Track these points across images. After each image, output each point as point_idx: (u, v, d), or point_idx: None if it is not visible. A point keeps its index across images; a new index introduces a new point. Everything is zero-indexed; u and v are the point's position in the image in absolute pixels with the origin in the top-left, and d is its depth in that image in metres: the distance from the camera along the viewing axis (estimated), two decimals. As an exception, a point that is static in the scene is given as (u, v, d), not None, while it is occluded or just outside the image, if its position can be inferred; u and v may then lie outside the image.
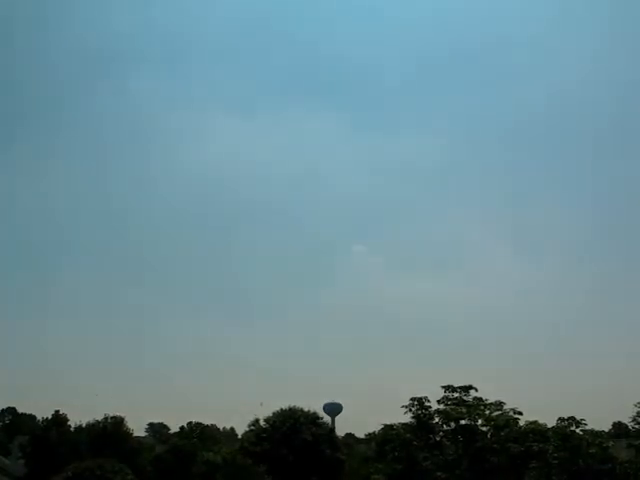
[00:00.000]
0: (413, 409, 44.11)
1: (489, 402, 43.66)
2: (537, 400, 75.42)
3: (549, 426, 43.14)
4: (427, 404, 44.30)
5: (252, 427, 53.36)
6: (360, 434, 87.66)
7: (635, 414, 44.25)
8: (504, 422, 42.02)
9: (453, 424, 43.42)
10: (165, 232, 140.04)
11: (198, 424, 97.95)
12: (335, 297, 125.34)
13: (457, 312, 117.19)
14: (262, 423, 52.39)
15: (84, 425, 54.34)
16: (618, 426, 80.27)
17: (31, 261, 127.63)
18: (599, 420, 76.53)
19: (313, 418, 52.18)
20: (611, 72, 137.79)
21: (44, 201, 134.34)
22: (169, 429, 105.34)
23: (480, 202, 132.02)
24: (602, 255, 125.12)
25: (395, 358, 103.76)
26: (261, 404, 59.49)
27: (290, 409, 52.09)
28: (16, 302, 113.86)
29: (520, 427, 42.38)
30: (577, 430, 41.88)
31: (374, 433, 54.30)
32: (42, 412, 58.12)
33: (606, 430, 58.36)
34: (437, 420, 44.09)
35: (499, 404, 43.48)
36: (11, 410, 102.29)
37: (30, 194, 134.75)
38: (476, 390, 44.30)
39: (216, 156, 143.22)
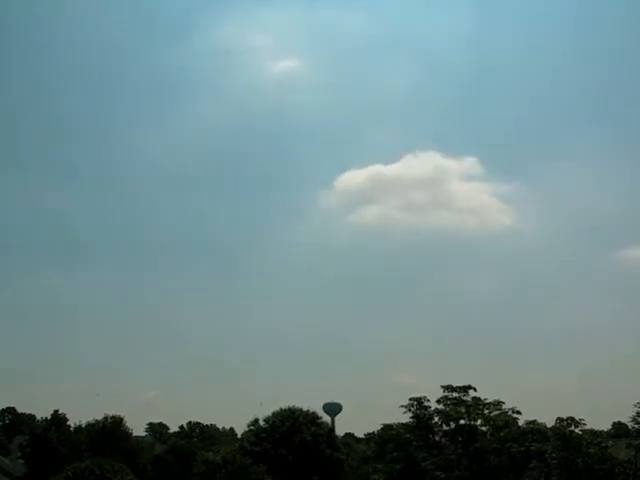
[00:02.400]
0: (412, 409, 44.22)
1: (488, 402, 43.74)
2: (536, 400, 75.79)
3: (548, 426, 43.24)
4: (426, 404, 44.40)
5: (252, 427, 53.49)
6: (360, 434, 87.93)
7: (635, 414, 44.38)
8: (503, 422, 42.12)
9: (452, 424, 43.51)
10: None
11: (198, 424, 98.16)
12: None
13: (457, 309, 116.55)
14: (262, 423, 52.50)
15: (84, 425, 54.32)
16: (618, 426, 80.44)
17: (31, 256, 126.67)
18: (599, 420, 76.88)
19: (313, 418, 52.24)
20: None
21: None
22: (169, 429, 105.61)
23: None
24: (602, 255, 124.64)
25: (395, 357, 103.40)
26: (261, 404, 59.61)
27: (290, 409, 52.15)
28: (16, 300, 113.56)
29: (519, 427, 42.46)
30: (576, 430, 41.96)
31: (374, 433, 54.43)
32: (42, 412, 58.26)
33: (606, 430, 58.53)
34: (436, 420, 44.18)
35: (498, 404, 43.56)
36: (11, 410, 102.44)
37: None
38: (475, 390, 44.41)
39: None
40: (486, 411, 43.26)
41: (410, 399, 44.42)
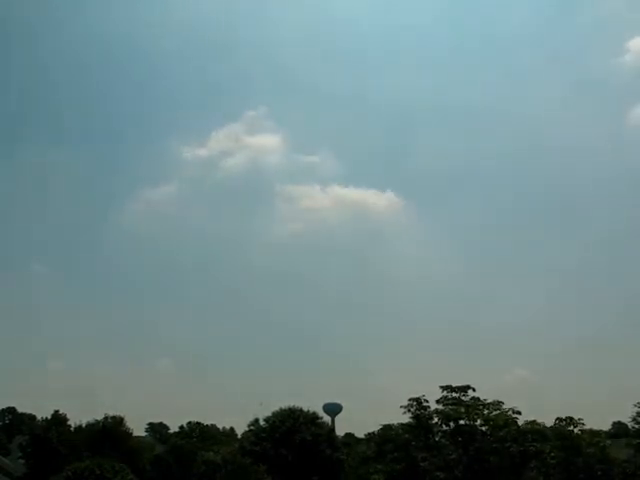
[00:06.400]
0: (412, 409, 44.22)
1: (488, 402, 43.73)
2: (537, 399, 75.73)
3: (548, 426, 43.28)
4: (425, 404, 44.39)
5: (252, 427, 53.54)
6: (360, 434, 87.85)
7: (635, 414, 44.45)
8: (503, 422, 42.09)
9: (452, 424, 43.48)
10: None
11: (198, 424, 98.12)
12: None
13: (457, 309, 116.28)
14: (262, 423, 52.54)
15: (84, 425, 54.44)
16: (618, 426, 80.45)
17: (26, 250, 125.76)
18: (599, 420, 76.81)
19: (313, 418, 52.28)
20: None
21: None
22: (169, 429, 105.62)
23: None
24: (601, 255, 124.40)
25: (395, 356, 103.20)
26: (261, 404, 59.61)
27: (290, 409, 52.19)
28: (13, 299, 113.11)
29: (519, 427, 42.46)
30: (575, 430, 42.03)
31: (374, 433, 54.45)
32: (42, 412, 58.33)
33: (606, 430, 58.59)
34: (436, 420, 44.17)
35: (497, 404, 43.55)
36: (11, 410, 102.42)
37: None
38: (474, 390, 44.39)
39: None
40: (485, 411, 43.24)
41: (409, 399, 44.40)
